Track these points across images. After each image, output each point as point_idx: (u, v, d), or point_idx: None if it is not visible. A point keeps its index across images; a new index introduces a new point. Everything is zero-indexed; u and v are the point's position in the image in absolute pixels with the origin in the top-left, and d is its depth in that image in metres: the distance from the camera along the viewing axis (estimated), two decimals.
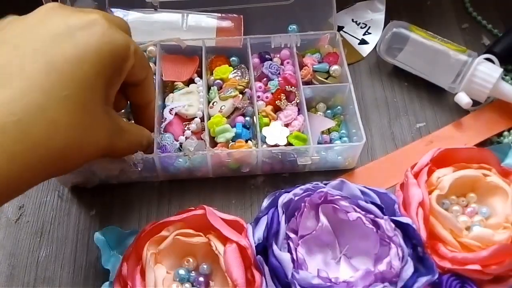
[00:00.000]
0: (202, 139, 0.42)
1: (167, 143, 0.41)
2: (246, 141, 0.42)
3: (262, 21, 0.49)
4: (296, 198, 0.37)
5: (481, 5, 0.55)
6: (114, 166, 0.40)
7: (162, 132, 0.42)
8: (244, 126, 0.43)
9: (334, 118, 0.45)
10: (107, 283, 0.37)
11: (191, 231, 0.36)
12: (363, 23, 0.54)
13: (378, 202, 0.38)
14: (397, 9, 0.55)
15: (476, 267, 0.35)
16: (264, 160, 0.42)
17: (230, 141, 0.42)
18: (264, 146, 0.41)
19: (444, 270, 0.36)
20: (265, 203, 0.38)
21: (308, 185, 0.38)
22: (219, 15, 0.49)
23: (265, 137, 0.42)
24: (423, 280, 0.35)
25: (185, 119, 0.44)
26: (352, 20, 0.54)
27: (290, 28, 0.49)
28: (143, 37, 0.47)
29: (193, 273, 0.36)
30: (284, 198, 0.37)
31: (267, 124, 0.43)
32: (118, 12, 0.48)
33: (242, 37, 0.48)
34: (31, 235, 0.41)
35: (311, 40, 0.49)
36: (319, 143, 0.43)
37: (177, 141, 0.42)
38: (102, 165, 0.39)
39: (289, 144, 0.41)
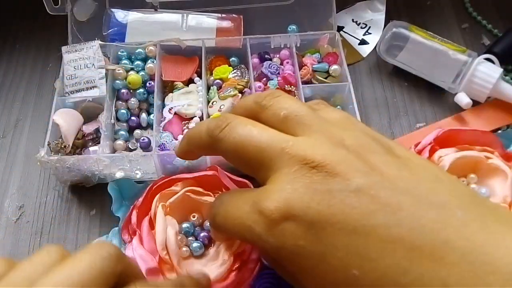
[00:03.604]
0: None
1: (166, 141, 0.41)
2: None
3: (262, 21, 0.49)
4: None
5: (481, 5, 0.55)
6: None
7: (161, 131, 0.43)
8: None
9: None
10: (115, 228, 0.38)
11: (200, 189, 0.37)
12: (363, 23, 0.54)
13: None
14: (397, 9, 0.55)
15: None
16: None
17: None
18: None
19: None
20: None
21: None
22: (219, 15, 0.49)
23: None
24: None
25: (185, 118, 0.44)
26: (352, 20, 0.54)
27: (290, 28, 0.49)
28: (143, 37, 0.47)
29: (197, 228, 0.38)
30: None
31: None
32: (119, 13, 0.49)
33: (242, 37, 0.48)
34: (31, 235, 0.41)
35: (311, 40, 0.49)
36: None
37: (176, 139, 0.42)
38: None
39: None
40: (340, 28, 0.53)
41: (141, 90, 0.46)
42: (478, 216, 0.22)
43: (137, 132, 0.45)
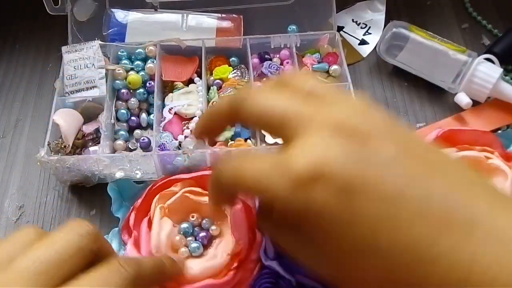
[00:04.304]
0: None
1: (166, 141, 0.41)
2: (246, 140, 0.42)
3: (262, 21, 0.49)
4: None
5: (481, 5, 0.55)
6: None
7: (161, 131, 0.43)
8: (243, 125, 0.43)
9: None
10: (116, 229, 0.39)
11: (199, 189, 0.38)
12: (363, 23, 0.54)
13: None
14: (397, 9, 0.55)
15: None
16: None
17: (229, 140, 0.42)
18: (264, 145, 0.41)
19: None
20: None
21: None
22: (219, 15, 0.49)
23: (265, 136, 0.42)
24: None
25: (185, 118, 0.44)
26: (352, 20, 0.54)
27: (290, 28, 0.49)
28: (143, 37, 0.47)
29: (196, 229, 0.38)
30: None
31: None
32: (119, 13, 0.49)
33: (242, 37, 0.48)
34: None
35: (311, 40, 0.49)
36: None
37: (176, 139, 0.42)
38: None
39: None
40: (340, 28, 0.53)
41: (141, 90, 0.46)
42: (498, 199, 0.22)
43: (137, 132, 0.45)
